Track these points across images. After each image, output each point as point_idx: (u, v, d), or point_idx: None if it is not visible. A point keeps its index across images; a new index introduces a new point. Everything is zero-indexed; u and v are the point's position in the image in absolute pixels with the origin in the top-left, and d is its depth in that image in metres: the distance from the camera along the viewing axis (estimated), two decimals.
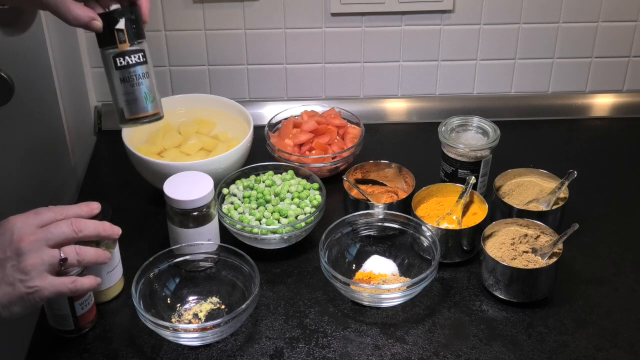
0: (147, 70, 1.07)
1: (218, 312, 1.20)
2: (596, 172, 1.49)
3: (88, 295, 1.15)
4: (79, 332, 1.16)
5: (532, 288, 1.19)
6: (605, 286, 1.25)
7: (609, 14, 1.57)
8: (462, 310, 1.20)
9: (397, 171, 1.40)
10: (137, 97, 1.06)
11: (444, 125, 1.40)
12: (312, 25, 1.56)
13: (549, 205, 1.31)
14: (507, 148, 1.45)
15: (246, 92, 1.64)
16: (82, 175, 1.52)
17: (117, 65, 1.04)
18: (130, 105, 1.07)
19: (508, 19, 1.57)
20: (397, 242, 1.29)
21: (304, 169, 1.37)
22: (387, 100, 1.66)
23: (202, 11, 1.54)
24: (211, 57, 1.59)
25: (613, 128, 1.63)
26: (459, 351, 1.14)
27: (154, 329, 1.12)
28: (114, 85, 1.06)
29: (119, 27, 1.02)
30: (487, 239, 1.24)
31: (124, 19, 1.02)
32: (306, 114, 1.52)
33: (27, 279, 0.96)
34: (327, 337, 1.16)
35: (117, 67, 1.04)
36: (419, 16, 1.56)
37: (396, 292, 1.17)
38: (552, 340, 1.15)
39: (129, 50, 1.04)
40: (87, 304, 1.15)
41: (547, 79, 1.65)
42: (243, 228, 1.26)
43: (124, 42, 1.03)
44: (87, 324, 1.17)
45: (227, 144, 1.43)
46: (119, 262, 1.22)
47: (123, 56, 1.04)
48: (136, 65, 1.05)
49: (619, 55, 1.62)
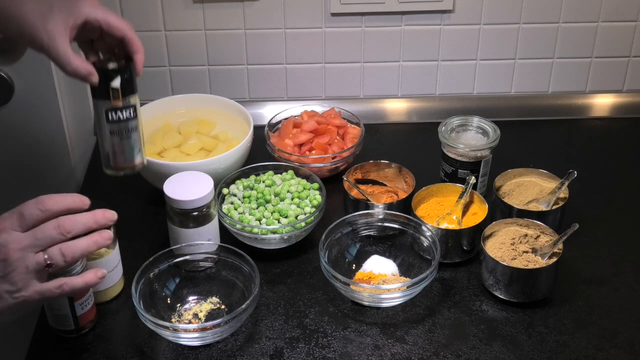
0: (137, 124, 1.10)
1: (218, 312, 1.20)
2: (596, 172, 1.49)
3: (88, 295, 1.15)
4: (79, 332, 1.16)
5: (532, 288, 1.19)
6: (605, 286, 1.25)
7: (609, 14, 1.57)
8: (462, 310, 1.20)
9: (397, 171, 1.40)
10: (124, 150, 1.10)
11: (444, 125, 1.40)
12: (312, 25, 1.56)
13: (549, 205, 1.31)
14: (507, 148, 1.45)
15: (246, 92, 1.64)
16: (82, 175, 1.52)
17: (109, 119, 1.08)
18: (116, 155, 1.10)
19: (508, 19, 1.57)
20: (397, 242, 1.29)
21: (304, 169, 1.37)
22: (387, 100, 1.66)
23: (202, 11, 1.54)
24: (211, 57, 1.59)
25: (613, 128, 1.63)
26: (459, 351, 1.14)
27: (154, 329, 1.12)
28: (103, 135, 1.09)
29: (114, 85, 1.06)
30: (487, 239, 1.24)
31: (119, 78, 1.06)
32: (306, 114, 1.52)
33: (13, 289, 0.93)
34: (327, 337, 1.16)
35: (108, 120, 1.08)
36: (419, 16, 1.56)
37: (396, 292, 1.17)
38: (552, 340, 1.15)
39: (121, 106, 1.07)
40: (87, 304, 1.15)
41: (547, 79, 1.65)
42: (243, 228, 1.26)
43: (118, 98, 1.07)
44: (87, 324, 1.17)
45: (227, 144, 1.43)
46: (119, 262, 1.22)
47: (115, 111, 1.07)
48: (127, 120, 1.08)
49: (619, 55, 1.62)
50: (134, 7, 1.52)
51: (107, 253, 1.18)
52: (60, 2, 1.04)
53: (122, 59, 1.08)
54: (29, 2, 1.03)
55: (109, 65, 1.06)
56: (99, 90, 1.06)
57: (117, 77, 1.06)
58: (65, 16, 1.03)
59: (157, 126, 1.47)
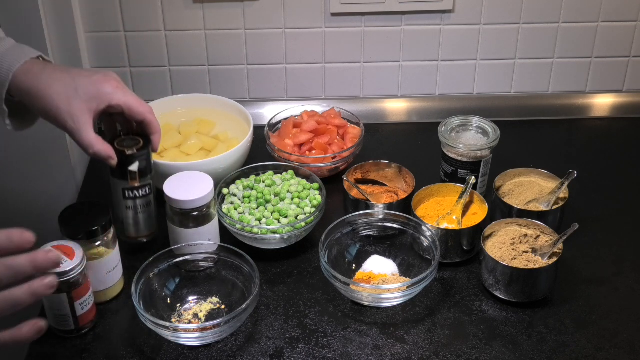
0: (151, 199, 1.21)
1: (218, 312, 1.20)
2: (596, 172, 1.49)
3: (88, 295, 1.15)
4: (79, 332, 1.16)
5: (532, 288, 1.19)
6: (605, 286, 1.25)
7: (609, 14, 1.57)
8: (462, 310, 1.20)
9: (397, 171, 1.40)
10: (139, 222, 1.21)
11: (444, 125, 1.40)
12: (312, 25, 1.56)
13: (549, 205, 1.31)
14: (507, 148, 1.45)
15: (246, 92, 1.64)
16: (81, 175, 1.52)
17: (125, 196, 1.19)
18: (132, 226, 1.22)
19: (508, 19, 1.57)
20: (397, 242, 1.29)
21: (304, 169, 1.37)
22: (387, 100, 1.66)
23: (202, 11, 1.54)
24: (211, 57, 1.59)
25: (613, 128, 1.63)
26: (459, 351, 1.14)
27: (154, 329, 1.12)
28: (121, 208, 1.20)
29: (132, 169, 1.16)
30: (487, 239, 1.24)
31: (137, 163, 1.16)
32: (306, 114, 1.52)
33: None
34: (327, 337, 1.16)
35: (124, 197, 1.19)
36: (419, 16, 1.56)
37: (396, 292, 1.17)
38: (552, 340, 1.15)
39: (138, 186, 1.18)
40: (87, 304, 1.15)
41: (547, 79, 1.65)
42: (243, 228, 1.26)
43: (135, 179, 1.17)
44: (87, 324, 1.17)
45: (227, 144, 1.43)
46: (118, 262, 1.22)
47: (132, 190, 1.18)
48: (142, 197, 1.19)
49: (619, 55, 1.62)
50: (134, 7, 1.52)
51: (107, 253, 1.18)
52: (85, 85, 1.08)
53: (139, 141, 1.17)
54: (55, 84, 1.07)
55: (128, 151, 1.15)
56: (117, 172, 1.16)
57: (135, 162, 1.16)
58: (89, 100, 1.08)
59: None
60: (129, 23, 1.54)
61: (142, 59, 1.59)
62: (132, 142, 1.17)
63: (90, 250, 1.16)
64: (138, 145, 1.17)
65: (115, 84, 1.11)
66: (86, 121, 1.08)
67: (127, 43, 1.57)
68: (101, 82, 1.10)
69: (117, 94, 1.11)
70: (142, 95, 1.14)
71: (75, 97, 1.07)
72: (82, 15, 1.52)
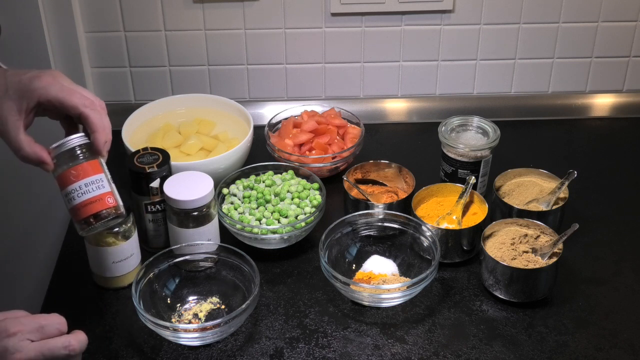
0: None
1: (218, 312, 1.20)
2: (596, 172, 1.49)
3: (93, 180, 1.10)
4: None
5: (532, 288, 1.19)
6: (605, 286, 1.25)
7: (609, 14, 1.57)
8: (462, 310, 1.20)
9: (397, 171, 1.40)
10: (160, 234, 1.28)
11: (444, 125, 1.40)
12: (312, 25, 1.56)
13: (549, 205, 1.31)
14: (507, 148, 1.45)
15: (246, 92, 1.64)
16: None
17: (148, 210, 1.25)
18: (154, 239, 1.28)
19: (508, 19, 1.57)
20: (397, 242, 1.29)
21: (304, 169, 1.37)
22: (387, 100, 1.66)
23: (202, 11, 1.54)
24: (211, 57, 1.59)
25: (613, 128, 1.63)
26: (459, 351, 1.14)
27: (154, 329, 1.12)
28: (143, 221, 1.27)
29: (154, 185, 1.23)
30: (487, 239, 1.24)
31: (158, 180, 1.22)
32: (306, 114, 1.52)
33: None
34: (327, 337, 1.16)
35: (147, 211, 1.25)
36: (419, 16, 1.56)
37: (396, 292, 1.17)
38: (552, 340, 1.15)
39: (159, 201, 1.24)
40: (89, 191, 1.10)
41: (547, 79, 1.65)
42: (243, 228, 1.26)
43: (156, 195, 1.24)
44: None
45: (227, 144, 1.43)
46: (126, 257, 1.22)
47: (154, 204, 1.24)
48: (164, 211, 1.25)
49: (619, 55, 1.62)
50: (134, 7, 1.52)
51: (115, 244, 1.20)
52: (15, 84, 1.01)
53: (158, 156, 1.24)
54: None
55: (148, 169, 1.22)
56: (139, 188, 1.23)
57: (156, 179, 1.22)
58: (19, 100, 1.01)
59: (157, 126, 1.47)
60: (129, 23, 1.54)
61: (142, 59, 1.59)
62: (151, 157, 1.24)
63: (105, 238, 1.19)
64: (157, 160, 1.23)
65: (48, 80, 1.01)
66: (14, 122, 1.00)
67: (127, 43, 1.57)
68: (32, 79, 1.01)
69: (48, 89, 1.01)
70: (142, 95, 1.13)
71: (4, 97, 1.00)
72: (82, 15, 1.52)
